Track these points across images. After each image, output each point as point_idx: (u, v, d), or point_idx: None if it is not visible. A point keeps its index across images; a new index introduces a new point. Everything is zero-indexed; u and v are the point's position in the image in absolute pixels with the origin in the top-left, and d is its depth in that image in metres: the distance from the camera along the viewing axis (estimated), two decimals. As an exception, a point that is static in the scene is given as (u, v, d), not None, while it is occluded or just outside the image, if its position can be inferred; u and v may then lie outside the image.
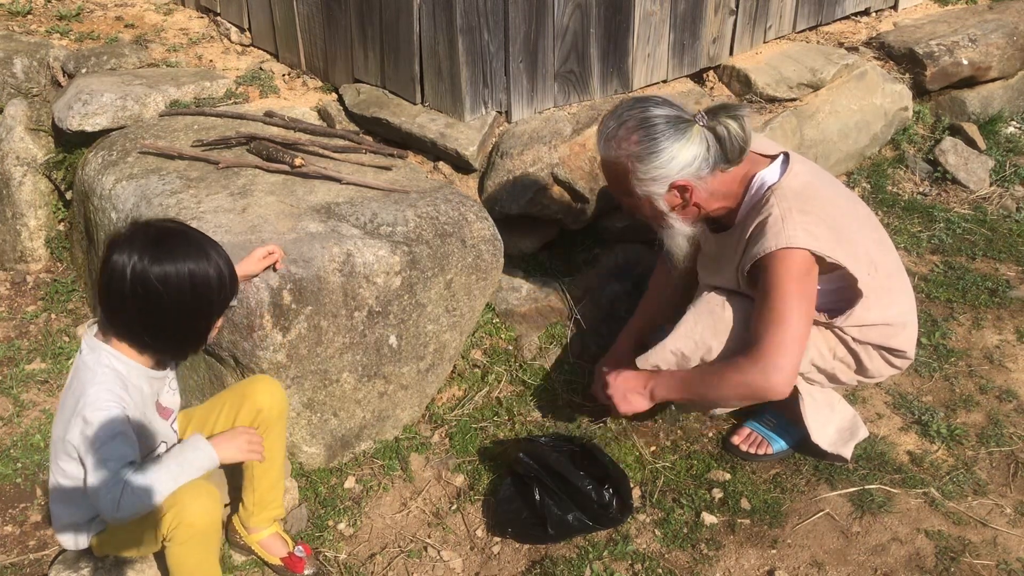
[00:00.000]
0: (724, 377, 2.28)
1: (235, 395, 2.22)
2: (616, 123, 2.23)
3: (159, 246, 1.88)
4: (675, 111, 2.21)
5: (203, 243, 1.95)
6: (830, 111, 3.65)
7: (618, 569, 2.31)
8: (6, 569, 2.28)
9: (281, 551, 2.29)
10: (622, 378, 2.45)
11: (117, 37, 3.63)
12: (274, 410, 2.20)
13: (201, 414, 2.24)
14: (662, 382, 2.40)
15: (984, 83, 4.15)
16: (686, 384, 2.38)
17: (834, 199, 2.28)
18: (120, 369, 1.95)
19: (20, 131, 3.24)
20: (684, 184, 2.21)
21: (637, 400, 2.44)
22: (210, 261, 1.92)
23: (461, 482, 2.58)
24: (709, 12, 3.48)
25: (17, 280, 3.26)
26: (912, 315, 2.44)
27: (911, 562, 2.32)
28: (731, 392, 2.28)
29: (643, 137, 2.18)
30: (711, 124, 2.18)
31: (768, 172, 2.26)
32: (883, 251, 2.37)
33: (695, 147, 2.17)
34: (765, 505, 2.48)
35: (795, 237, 2.15)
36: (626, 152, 2.20)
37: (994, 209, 3.80)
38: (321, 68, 3.42)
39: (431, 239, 2.58)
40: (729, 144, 2.17)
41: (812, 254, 2.18)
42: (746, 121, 2.17)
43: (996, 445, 2.66)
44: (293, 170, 2.72)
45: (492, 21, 2.90)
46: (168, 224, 1.99)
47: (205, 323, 1.99)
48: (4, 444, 2.62)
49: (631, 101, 2.26)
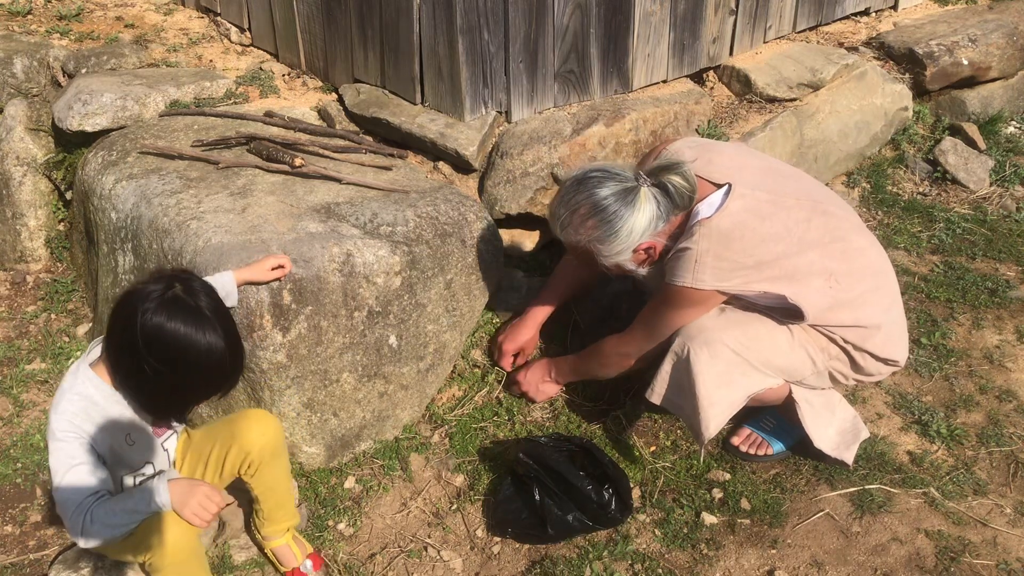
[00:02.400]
0: (601, 356, 2.59)
1: (225, 434, 2.16)
2: (568, 211, 2.28)
3: (187, 315, 1.83)
4: (619, 183, 2.25)
5: (221, 320, 1.89)
6: (830, 111, 3.65)
7: (618, 569, 2.31)
8: (6, 569, 2.28)
9: (291, 562, 2.29)
10: (530, 373, 2.75)
11: (117, 37, 3.63)
12: (266, 451, 2.15)
13: (199, 441, 2.20)
14: (560, 368, 2.73)
15: (984, 83, 4.15)
16: (576, 365, 2.70)
17: (769, 231, 2.26)
18: (94, 396, 1.93)
19: (20, 131, 3.23)
20: (648, 245, 2.30)
21: (548, 387, 2.76)
22: (220, 339, 1.86)
23: (461, 482, 2.58)
24: (709, 12, 3.48)
25: (17, 280, 3.26)
26: (887, 317, 2.41)
27: (911, 562, 2.32)
28: (606, 367, 2.61)
29: (599, 222, 2.25)
30: (656, 182, 2.24)
31: (705, 205, 2.29)
32: (844, 259, 2.34)
33: (648, 211, 2.24)
34: (765, 505, 2.48)
35: (702, 280, 2.24)
36: (587, 237, 2.29)
37: (994, 209, 3.80)
38: (321, 68, 3.42)
39: (431, 239, 2.58)
40: (677, 196, 2.25)
41: (719, 291, 2.28)
42: (688, 172, 2.25)
43: (996, 445, 2.66)
44: (293, 170, 2.72)
45: (492, 21, 2.90)
46: (196, 287, 1.91)
47: (192, 397, 1.97)
48: (4, 444, 2.62)
49: (573, 183, 2.30)
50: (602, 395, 2.82)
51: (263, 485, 2.21)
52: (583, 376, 2.73)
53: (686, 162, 2.27)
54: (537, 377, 2.74)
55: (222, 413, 2.44)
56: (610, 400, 2.81)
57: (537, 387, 2.75)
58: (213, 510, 1.90)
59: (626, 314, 2.85)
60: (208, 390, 1.95)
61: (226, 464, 2.16)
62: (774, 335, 2.36)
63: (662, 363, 2.40)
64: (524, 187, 2.96)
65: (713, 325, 2.34)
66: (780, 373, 2.39)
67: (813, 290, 2.29)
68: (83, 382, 1.94)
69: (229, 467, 2.16)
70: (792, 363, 2.38)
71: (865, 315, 2.37)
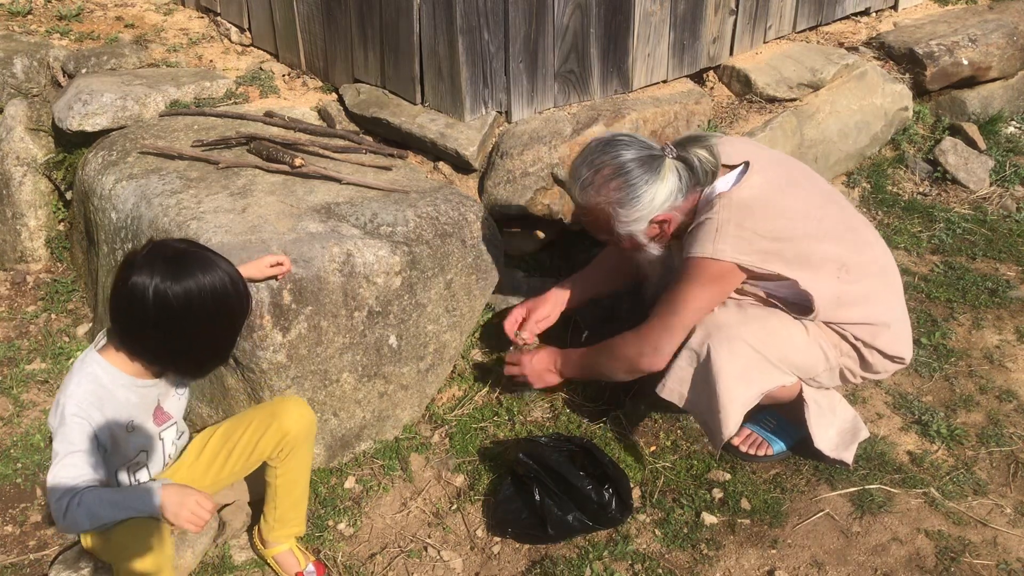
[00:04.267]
0: (612, 351, 2.44)
1: (264, 414, 2.19)
2: (591, 171, 2.26)
3: (176, 266, 1.87)
4: (645, 150, 2.24)
5: (213, 258, 1.94)
6: (830, 111, 3.65)
7: (618, 569, 2.31)
8: (6, 569, 2.28)
9: (293, 568, 2.28)
10: (536, 359, 2.61)
11: (117, 37, 3.63)
12: (301, 434, 2.18)
13: (225, 430, 2.21)
14: (567, 360, 2.58)
15: (984, 83, 4.15)
16: (584, 359, 2.55)
17: (789, 209, 2.27)
18: (103, 379, 1.95)
19: (20, 131, 3.24)
20: (664, 218, 2.27)
21: (549, 377, 2.62)
22: (224, 274, 1.92)
23: (461, 482, 2.58)
24: (709, 12, 3.48)
25: (17, 280, 3.26)
26: (895, 315, 2.43)
27: (911, 562, 2.32)
28: (617, 364, 2.45)
29: (622, 184, 2.22)
30: (681, 155, 2.23)
31: (721, 181, 2.29)
32: (856, 252, 2.36)
33: (670, 182, 2.22)
34: (765, 505, 2.48)
35: (722, 251, 2.20)
36: (606, 199, 2.25)
37: (994, 209, 3.80)
38: (321, 68, 3.42)
39: (431, 239, 2.58)
40: (701, 171, 2.23)
41: (739, 266, 2.24)
42: (715, 147, 2.23)
43: (996, 445, 2.66)
44: (293, 170, 2.72)
45: (492, 21, 2.90)
46: (180, 244, 1.98)
47: (230, 335, 2.01)
48: (4, 444, 2.62)
49: (599, 144, 2.28)
50: (602, 395, 2.82)
51: (288, 476, 2.21)
52: (589, 374, 2.60)
53: (714, 136, 2.25)
54: (542, 365, 2.61)
55: (223, 414, 2.44)
56: (610, 400, 2.81)
57: (539, 375, 2.62)
58: (206, 516, 1.88)
59: (626, 315, 2.86)
60: (238, 318, 1.99)
61: (259, 445, 2.16)
62: (791, 330, 2.35)
63: (677, 359, 2.36)
64: (524, 187, 2.96)
65: (732, 321, 2.32)
66: (795, 370, 2.38)
67: (823, 279, 2.28)
68: (91, 364, 1.96)
69: (262, 448, 2.16)
70: (807, 359, 2.38)
71: (875, 312, 2.37)
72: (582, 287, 2.73)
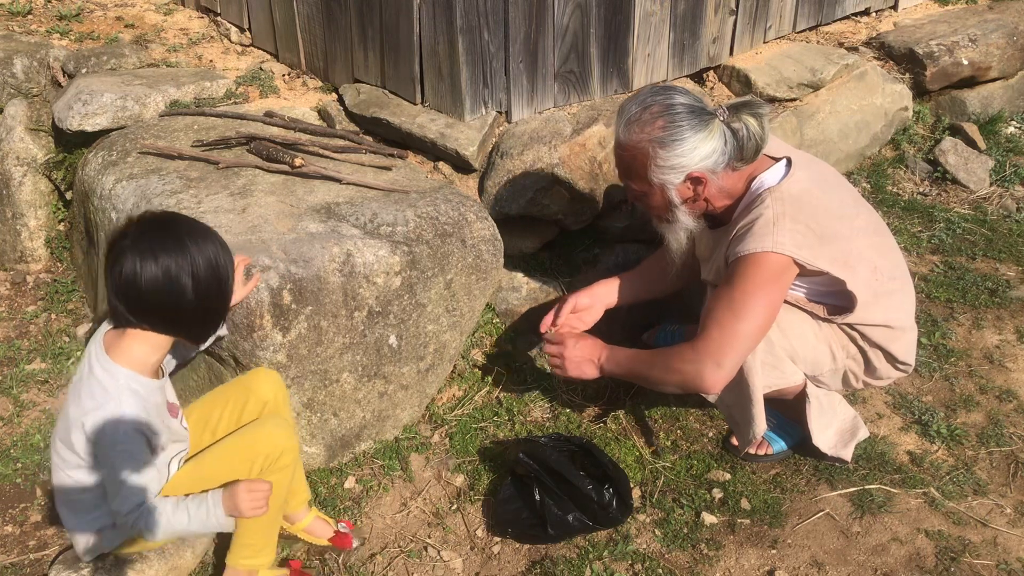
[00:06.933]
0: (667, 362, 2.25)
1: (237, 389, 2.23)
2: (639, 107, 2.21)
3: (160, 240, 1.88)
4: (697, 103, 2.22)
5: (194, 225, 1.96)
6: (830, 111, 3.65)
7: (618, 569, 2.31)
8: (6, 569, 2.28)
9: (327, 532, 2.35)
10: (580, 346, 2.41)
11: (117, 37, 3.63)
12: (279, 397, 2.25)
13: (201, 411, 2.23)
14: (613, 357, 2.38)
15: (984, 83, 4.16)
16: (633, 362, 2.35)
17: (830, 206, 2.27)
18: (140, 391, 1.95)
19: (20, 131, 3.24)
20: (700, 176, 2.21)
21: (588, 369, 2.40)
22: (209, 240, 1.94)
23: (461, 482, 2.59)
24: (709, 12, 3.48)
25: (17, 280, 3.26)
26: (912, 321, 2.44)
27: (911, 562, 2.32)
28: (669, 377, 2.25)
29: (668, 123, 2.17)
30: (731, 120, 2.18)
31: (769, 174, 2.27)
32: (883, 254, 2.37)
33: (715, 141, 2.17)
34: (765, 505, 2.48)
35: (782, 243, 2.15)
36: (648, 136, 2.19)
37: (994, 209, 3.80)
38: (321, 68, 3.42)
39: (431, 239, 2.58)
40: (747, 141, 2.18)
41: (795, 261, 2.18)
42: (765, 120, 2.19)
43: (996, 445, 2.66)
44: (293, 170, 2.72)
45: (492, 21, 2.90)
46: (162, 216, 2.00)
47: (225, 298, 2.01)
48: (4, 444, 2.62)
49: (653, 87, 2.26)
50: (602, 395, 2.82)
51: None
52: (633, 378, 2.39)
53: (768, 107, 2.22)
54: (584, 354, 2.40)
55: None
56: (610, 400, 2.81)
57: (578, 364, 2.40)
58: (262, 497, 1.98)
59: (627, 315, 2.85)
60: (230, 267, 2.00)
61: (243, 418, 2.20)
62: (803, 326, 2.35)
63: None
64: (524, 187, 2.96)
65: None
66: (803, 365, 2.38)
67: (861, 279, 2.26)
68: (125, 379, 1.93)
69: (247, 420, 2.20)
70: (816, 356, 2.38)
71: (895, 316, 2.37)
72: (631, 284, 2.65)
